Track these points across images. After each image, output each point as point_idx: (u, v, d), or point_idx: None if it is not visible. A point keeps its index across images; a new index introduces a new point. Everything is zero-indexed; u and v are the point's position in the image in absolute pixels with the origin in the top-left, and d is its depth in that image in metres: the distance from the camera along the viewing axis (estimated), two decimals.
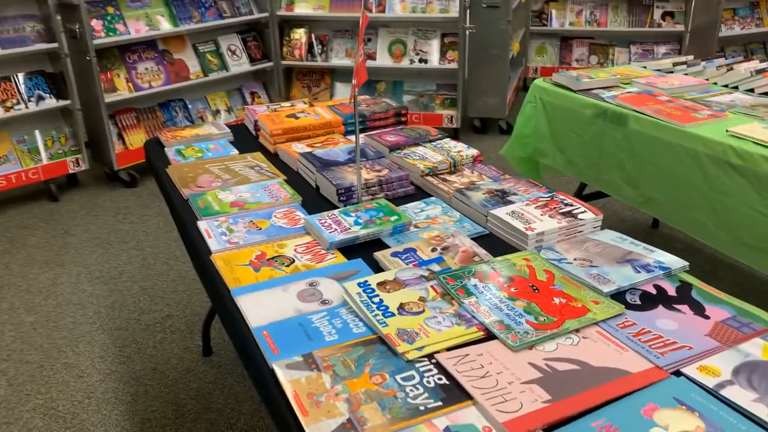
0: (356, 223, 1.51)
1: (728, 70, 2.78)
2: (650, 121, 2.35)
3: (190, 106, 4.49)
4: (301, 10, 4.67)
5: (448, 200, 1.68)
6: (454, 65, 4.60)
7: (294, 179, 1.89)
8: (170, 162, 2.04)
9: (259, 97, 4.85)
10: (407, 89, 4.86)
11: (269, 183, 1.83)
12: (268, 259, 1.42)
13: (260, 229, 1.56)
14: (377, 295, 1.23)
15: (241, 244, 1.49)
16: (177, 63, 4.33)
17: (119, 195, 4.05)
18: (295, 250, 1.47)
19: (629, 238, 1.44)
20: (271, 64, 4.76)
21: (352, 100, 1.54)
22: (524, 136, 2.96)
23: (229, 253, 1.46)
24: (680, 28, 5.57)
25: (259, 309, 1.23)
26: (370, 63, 4.72)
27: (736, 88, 2.67)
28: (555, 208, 1.53)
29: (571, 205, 1.54)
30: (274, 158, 2.07)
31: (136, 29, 4.02)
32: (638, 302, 1.23)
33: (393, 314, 1.18)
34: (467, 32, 4.53)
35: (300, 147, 2.04)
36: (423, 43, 4.68)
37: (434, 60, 4.65)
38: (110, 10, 3.94)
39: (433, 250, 1.40)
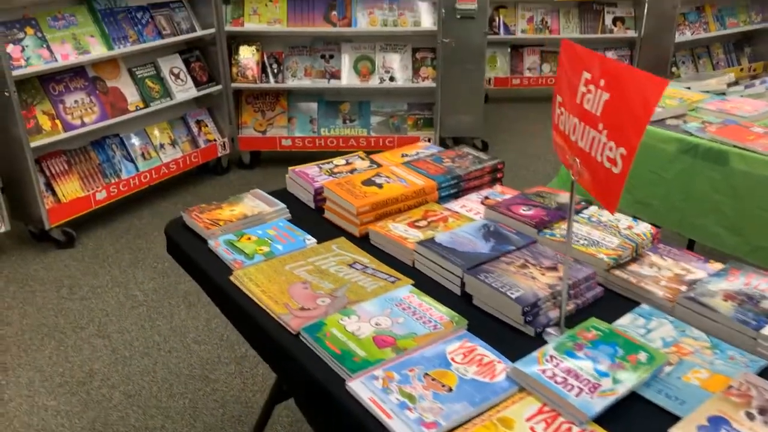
0: (599, 372, 1.04)
1: None
2: (759, 159, 2.04)
3: (128, 143, 3.74)
4: (253, 25, 4.05)
5: (667, 308, 1.24)
6: (428, 83, 4.17)
7: (416, 279, 1.37)
8: (226, 264, 1.45)
9: (206, 125, 4.17)
10: (375, 110, 4.37)
11: (399, 294, 1.30)
12: None
13: (450, 389, 1.04)
14: None
15: (444, 427, 0.97)
16: (112, 92, 3.58)
17: (55, 260, 3.26)
18: (531, 430, 0.97)
19: None
20: (219, 87, 4.10)
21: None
22: None
23: None
24: (632, 33, 5.48)
25: None
26: (333, 83, 4.20)
27: None
28: None
29: None
30: (362, 243, 1.54)
31: (63, 54, 3.25)
32: None
33: None
34: (443, 47, 4.11)
35: (401, 228, 1.52)
36: (393, 59, 4.21)
37: (405, 77, 4.20)
38: (30, 32, 3.15)
39: (749, 415, 0.95)
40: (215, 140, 4.15)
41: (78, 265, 3.21)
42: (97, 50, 3.40)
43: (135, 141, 3.78)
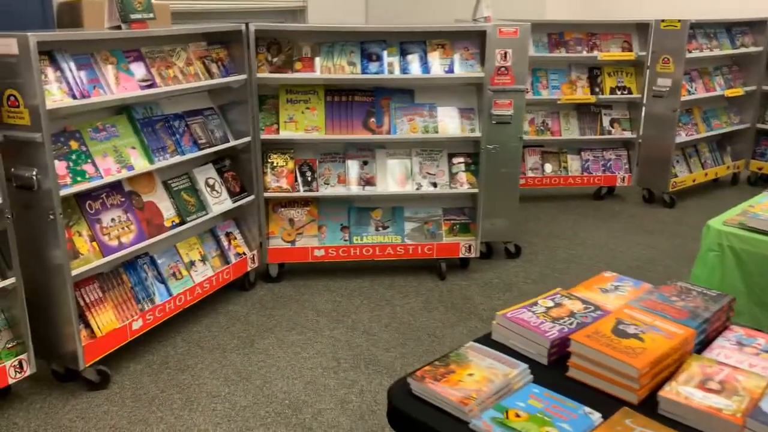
0: None
1: None
2: None
3: (159, 262, 3.36)
4: (289, 133, 3.83)
5: None
6: (466, 188, 4.05)
7: None
8: None
9: (235, 238, 3.84)
10: (408, 216, 4.19)
11: None
12: None
13: None
14: None
15: None
16: (148, 207, 3.23)
17: (90, 406, 2.78)
18: None
19: None
20: (251, 197, 3.81)
21: None
22: None
23: None
24: (629, 134, 5.63)
25: None
26: (368, 189, 4.00)
27: None
28: None
29: None
30: (647, 411, 1.29)
31: (105, 169, 2.91)
32: None
33: None
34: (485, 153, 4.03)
35: (698, 393, 1.29)
36: (430, 165, 4.08)
37: (442, 183, 4.06)
38: (74, 145, 2.80)
39: None
40: (245, 254, 3.82)
41: (120, 411, 2.74)
42: (139, 163, 3.07)
43: (165, 259, 3.40)
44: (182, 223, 3.34)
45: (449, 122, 4.01)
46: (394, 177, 4.06)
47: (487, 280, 4.07)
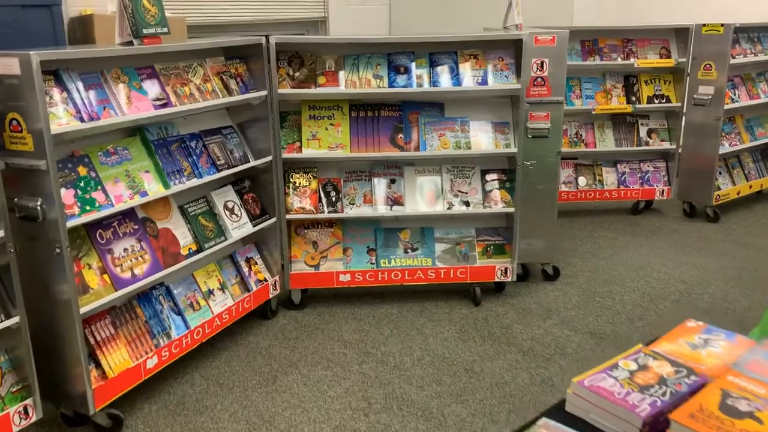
0: None
1: None
2: None
3: (175, 292, 3.13)
4: (312, 151, 3.60)
5: None
6: (500, 207, 3.78)
7: None
8: None
9: (256, 263, 3.61)
10: (439, 237, 3.93)
11: None
12: None
13: None
14: None
15: None
16: (163, 235, 3.01)
17: None
18: None
19: None
20: (273, 220, 3.59)
21: None
22: None
23: None
24: (666, 145, 5.33)
25: None
26: (396, 209, 3.75)
27: None
28: None
29: None
30: None
31: (116, 196, 2.69)
32: None
33: None
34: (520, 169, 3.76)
35: None
36: (461, 182, 3.83)
37: (475, 201, 3.80)
38: (82, 171, 2.59)
39: None
40: (266, 280, 3.59)
41: None
42: (153, 188, 2.85)
43: (181, 289, 3.17)
44: (200, 250, 3.12)
45: (482, 137, 3.75)
46: (423, 196, 3.81)
47: (525, 306, 3.79)
